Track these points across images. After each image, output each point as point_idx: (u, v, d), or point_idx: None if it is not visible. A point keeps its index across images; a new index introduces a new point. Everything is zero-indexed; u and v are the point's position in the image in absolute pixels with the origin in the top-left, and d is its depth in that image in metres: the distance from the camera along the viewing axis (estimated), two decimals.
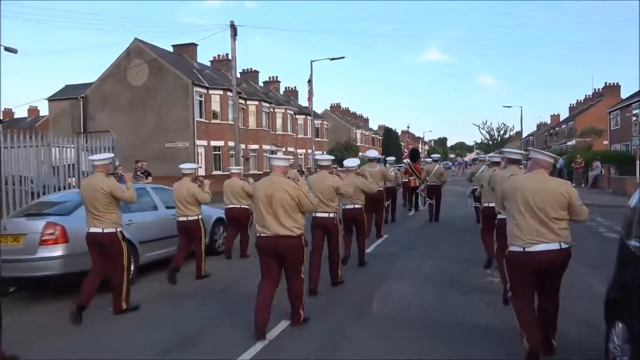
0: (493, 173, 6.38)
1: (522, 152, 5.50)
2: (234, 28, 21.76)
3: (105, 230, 5.27)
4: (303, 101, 38.48)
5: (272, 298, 4.72)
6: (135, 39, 27.58)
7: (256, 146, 33.20)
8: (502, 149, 6.37)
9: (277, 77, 45.06)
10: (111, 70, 28.04)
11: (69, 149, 14.18)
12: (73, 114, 29.28)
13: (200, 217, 7.16)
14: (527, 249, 3.78)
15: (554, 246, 3.76)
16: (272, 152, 35.56)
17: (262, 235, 4.69)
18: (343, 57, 28.66)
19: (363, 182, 7.17)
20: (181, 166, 7.51)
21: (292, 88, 49.03)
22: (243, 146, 31.74)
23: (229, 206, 8.51)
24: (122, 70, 27.64)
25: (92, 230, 5.31)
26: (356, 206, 7.25)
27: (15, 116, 53.78)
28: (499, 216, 5.39)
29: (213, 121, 28.18)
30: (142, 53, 27.40)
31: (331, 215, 6.17)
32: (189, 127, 26.73)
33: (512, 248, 3.92)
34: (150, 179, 14.22)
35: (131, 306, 5.51)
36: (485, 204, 6.84)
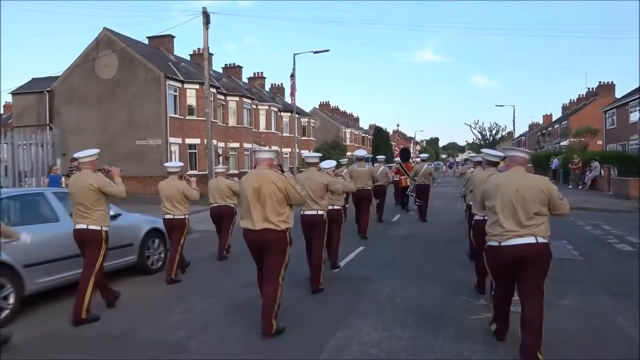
0: (472, 174, 6.36)
1: (501, 154, 5.29)
2: (206, 15, 19.96)
3: (89, 227, 5.16)
4: (289, 98, 36.77)
5: None
6: (105, 28, 25.64)
7: (237, 144, 31.40)
8: (482, 150, 6.01)
9: (262, 73, 43.20)
10: (79, 62, 26.10)
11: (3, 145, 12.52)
12: (39, 109, 27.32)
13: (186, 216, 7.04)
14: (502, 244, 3.84)
15: (530, 240, 3.78)
16: (255, 151, 33.84)
17: (247, 227, 4.56)
18: (327, 50, 27.08)
19: (342, 183, 7.10)
20: (166, 164, 7.45)
21: (278, 85, 47.24)
22: (222, 144, 30.01)
23: (214, 205, 8.40)
24: (90, 63, 25.72)
25: (78, 227, 5.21)
26: (335, 207, 7.00)
27: None
28: (476, 217, 5.49)
29: (188, 117, 26.30)
30: (111, 44, 25.47)
31: (320, 212, 6.11)
32: (161, 123, 24.88)
33: (490, 243, 3.99)
34: None
35: (92, 316, 5.10)
36: (470, 203, 6.40)
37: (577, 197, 18.47)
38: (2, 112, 42.00)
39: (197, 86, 26.18)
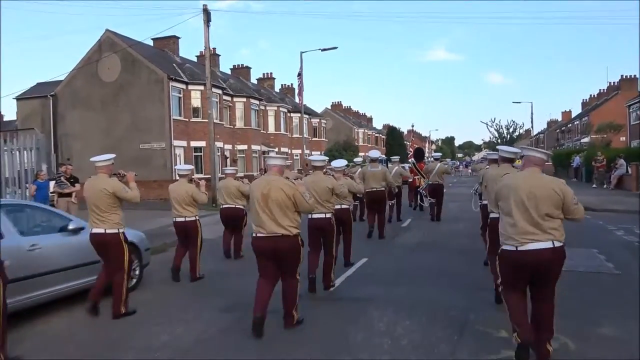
0: (486, 171, 6.33)
1: (517, 150, 5.24)
2: (207, 13, 19.25)
3: (107, 231, 5.31)
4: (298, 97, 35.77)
5: (270, 296, 4.66)
6: (107, 30, 25.09)
7: (244, 146, 30.61)
8: (497, 147, 5.99)
9: (271, 73, 42.40)
10: (81, 65, 25.60)
11: None
12: (43, 114, 26.89)
13: (197, 217, 7.10)
14: (519, 248, 3.71)
15: (547, 245, 3.67)
16: (263, 152, 33.07)
17: (258, 235, 4.62)
18: (335, 48, 26.17)
19: (350, 183, 7.18)
20: (177, 167, 7.82)
21: (288, 85, 46.42)
22: (230, 147, 29.30)
23: (224, 206, 8.47)
24: (93, 66, 25.20)
25: (95, 230, 5.34)
26: (343, 207, 7.02)
27: (5, 119, 52.08)
28: (491, 215, 5.36)
29: (193, 119, 25.58)
30: (114, 46, 24.89)
31: (327, 215, 6.12)
32: (165, 126, 24.20)
33: (505, 247, 3.85)
34: (78, 186, 11.73)
35: (129, 310, 5.47)
36: (485, 201, 6.22)
37: (603, 198, 17.25)
38: None
39: (201, 87, 25.42)
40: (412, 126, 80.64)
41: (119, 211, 5.38)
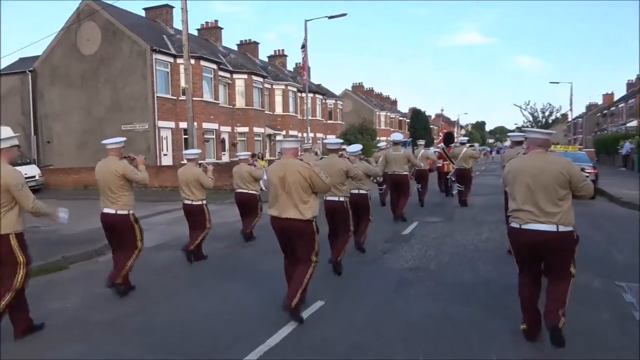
0: (508, 153, 6.84)
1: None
2: None
3: (118, 212, 5.43)
4: (315, 78, 32.38)
5: None
6: None
7: (245, 129, 27.60)
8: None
9: (283, 50, 39.10)
10: (61, 37, 22.98)
11: None
12: (23, 92, 24.48)
13: (204, 202, 7.31)
14: (522, 226, 3.82)
15: (550, 227, 3.71)
16: (269, 135, 30.12)
17: (273, 215, 4.68)
18: (344, 15, 22.79)
19: (366, 167, 7.22)
20: (185, 152, 7.93)
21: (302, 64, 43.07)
22: (228, 129, 26.42)
23: (238, 190, 8.63)
24: (72, 38, 22.56)
25: (106, 210, 5.48)
26: (361, 192, 7.07)
27: None
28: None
29: (182, 98, 22.65)
30: (94, 15, 22.14)
31: (341, 199, 6.18)
32: (148, 104, 21.40)
33: (512, 224, 3.95)
34: None
35: (128, 285, 5.63)
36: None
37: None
38: None
39: (192, 61, 22.47)
40: (442, 110, 76.21)
41: (129, 193, 5.50)
